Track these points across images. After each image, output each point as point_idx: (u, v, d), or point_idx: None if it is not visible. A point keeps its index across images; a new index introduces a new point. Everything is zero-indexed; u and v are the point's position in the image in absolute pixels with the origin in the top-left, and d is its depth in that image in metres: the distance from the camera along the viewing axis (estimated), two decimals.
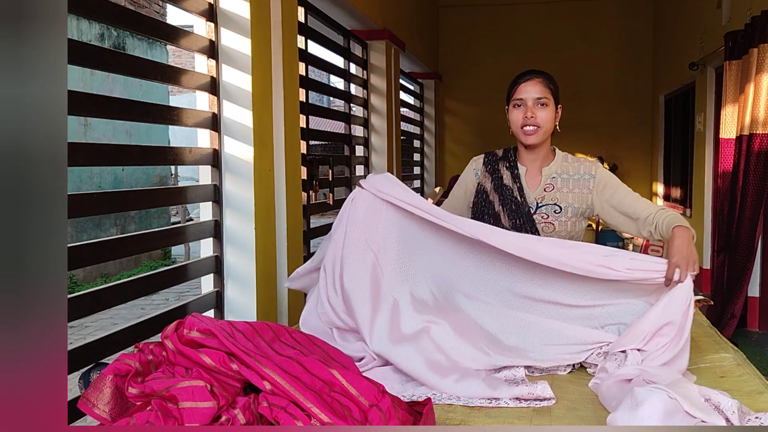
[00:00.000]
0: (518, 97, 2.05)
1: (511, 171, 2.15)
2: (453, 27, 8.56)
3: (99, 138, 7.62)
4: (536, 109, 2.03)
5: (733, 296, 4.30)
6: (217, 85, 2.77)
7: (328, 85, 6.09)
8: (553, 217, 2.07)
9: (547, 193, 2.10)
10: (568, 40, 8.19)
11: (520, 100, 2.05)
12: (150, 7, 9.92)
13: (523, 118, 2.04)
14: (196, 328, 1.35)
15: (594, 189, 2.09)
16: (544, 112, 2.04)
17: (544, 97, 2.03)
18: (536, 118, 2.03)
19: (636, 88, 8.11)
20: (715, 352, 1.92)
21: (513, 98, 2.07)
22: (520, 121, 2.05)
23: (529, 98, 2.03)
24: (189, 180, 12.39)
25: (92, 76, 7.26)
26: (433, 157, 8.37)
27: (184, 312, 2.50)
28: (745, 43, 4.22)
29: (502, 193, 2.12)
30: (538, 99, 2.03)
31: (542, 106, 2.04)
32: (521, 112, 2.04)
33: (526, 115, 2.03)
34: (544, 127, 2.05)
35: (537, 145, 2.09)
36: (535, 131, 2.04)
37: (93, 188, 7.58)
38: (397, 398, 1.38)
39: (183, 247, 8.50)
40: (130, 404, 1.31)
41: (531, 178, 2.15)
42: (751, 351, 3.96)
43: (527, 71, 2.08)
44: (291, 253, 3.17)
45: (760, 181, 4.15)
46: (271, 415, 1.23)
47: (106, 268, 7.60)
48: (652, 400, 1.23)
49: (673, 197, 7.10)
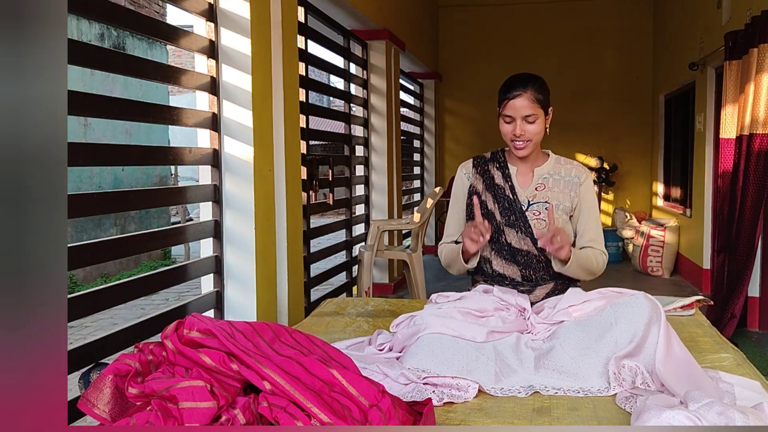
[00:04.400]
0: (507, 114, 2.08)
1: (502, 171, 2.19)
2: (453, 27, 8.56)
3: (99, 138, 7.61)
4: (525, 125, 2.07)
5: (733, 296, 4.30)
6: (217, 85, 2.77)
7: (328, 85, 6.09)
8: (544, 214, 2.12)
9: (539, 192, 2.15)
10: (569, 39, 8.19)
11: (509, 117, 2.08)
12: (150, 7, 9.92)
13: (512, 134, 2.08)
14: (196, 328, 1.35)
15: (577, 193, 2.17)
16: (533, 126, 2.07)
17: (533, 113, 2.06)
18: (525, 134, 2.07)
19: (636, 88, 8.11)
20: (715, 352, 1.92)
21: (502, 112, 2.10)
22: (509, 135, 2.10)
23: (518, 116, 2.06)
24: (189, 180, 12.40)
25: (92, 76, 7.26)
26: (433, 157, 8.37)
27: (184, 312, 2.50)
28: (745, 43, 4.22)
29: (494, 191, 2.17)
30: (526, 117, 2.06)
31: (531, 123, 2.07)
32: (511, 127, 2.09)
33: (515, 132, 2.07)
34: (534, 140, 2.10)
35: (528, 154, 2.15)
36: (525, 145, 2.10)
37: (93, 188, 7.57)
38: (397, 398, 1.38)
39: (183, 247, 8.49)
40: (130, 404, 1.31)
41: (522, 177, 2.19)
42: (751, 351, 3.96)
43: (515, 81, 2.09)
44: (291, 253, 3.17)
45: (760, 181, 4.15)
46: (271, 415, 1.23)
47: (106, 268, 7.60)
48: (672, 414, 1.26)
49: (673, 197, 7.10)
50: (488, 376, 1.73)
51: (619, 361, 1.69)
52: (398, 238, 6.00)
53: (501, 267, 2.15)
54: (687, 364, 1.64)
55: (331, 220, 6.91)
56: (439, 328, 1.83)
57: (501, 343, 1.82)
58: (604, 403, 1.59)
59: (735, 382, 1.64)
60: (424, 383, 1.69)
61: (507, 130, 2.09)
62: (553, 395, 1.64)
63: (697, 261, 5.90)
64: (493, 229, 2.12)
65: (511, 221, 2.12)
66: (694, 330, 2.16)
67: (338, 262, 5.17)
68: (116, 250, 2.30)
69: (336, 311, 2.55)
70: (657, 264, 6.62)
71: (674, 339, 1.69)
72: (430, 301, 2.12)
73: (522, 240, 2.11)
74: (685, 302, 2.40)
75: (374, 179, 5.74)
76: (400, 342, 1.88)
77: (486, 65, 8.24)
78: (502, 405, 1.60)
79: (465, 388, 1.66)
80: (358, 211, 5.58)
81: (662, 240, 6.56)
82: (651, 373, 1.66)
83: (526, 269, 2.13)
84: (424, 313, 1.95)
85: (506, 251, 2.13)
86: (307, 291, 3.99)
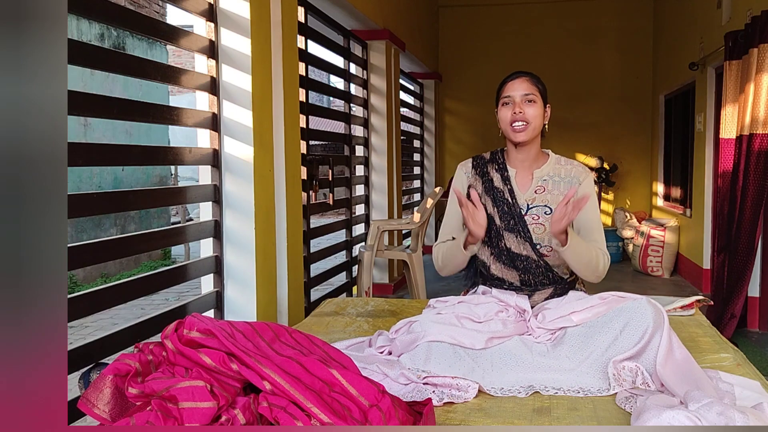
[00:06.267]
0: (506, 95, 2.07)
1: (501, 173, 2.15)
2: (453, 27, 8.56)
3: (99, 138, 7.61)
4: (524, 106, 2.05)
5: (733, 296, 4.30)
6: (217, 85, 2.77)
7: (328, 85, 6.09)
8: (543, 219, 2.08)
9: (538, 195, 2.11)
10: (568, 40, 8.19)
11: (508, 98, 2.07)
12: (150, 7, 9.91)
13: (511, 114, 2.05)
14: (196, 328, 1.35)
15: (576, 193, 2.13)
16: (532, 109, 2.05)
17: (532, 93, 2.05)
18: (525, 114, 2.04)
19: (636, 88, 8.11)
20: (715, 352, 1.92)
21: (501, 97, 2.09)
22: (508, 118, 2.06)
23: (517, 95, 2.05)
24: (189, 180, 12.39)
25: (92, 76, 7.26)
26: (433, 157, 8.37)
27: (184, 312, 2.50)
28: (745, 43, 4.22)
29: (494, 195, 2.13)
30: (526, 95, 2.05)
31: (530, 102, 2.05)
32: (509, 109, 2.06)
33: (514, 111, 2.05)
34: (533, 123, 2.05)
35: (527, 142, 2.10)
36: (525, 128, 2.05)
37: (93, 188, 7.57)
38: (397, 398, 1.38)
39: (183, 247, 8.49)
40: (130, 404, 1.31)
41: (521, 179, 2.15)
42: (751, 351, 3.96)
43: (514, 72, 2.12)
44: (291, 253, 3.17)
45: (761, 181, 4.15)
46: (271, 415, 1.23)
47: (106, 268, 7.60)
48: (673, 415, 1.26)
49: (673, 197, 7.10)
50: (487, 379, 1.73)
51: (619, 363, 1.69)
52: (398, 238, 6.00)
53: (500, 271, 2.12)
54: (687, 364, 1.64)
55: (331, 220, 6.91)
56: (438, 336, 1.82)
57: (501, 348, 1.82)
58: (604, 403, 1.59)
59: (735, 382, 1.64)
60: (424, 383, 1.69)
61: (506, 113, 2.06)
62: (553, 395, 1.65)
63: (697, 261, 5.90)
64: (493, 234, 2.10)
65: (510, 226, 2.08)
66: (694, 330, 2.16)
67: (338, 262, 5.17)
68: (116, 250, 2.30)
69: (336, 311, 2.55)
70: (657, 264, 6.62)
71: (675, 341, 1.69)
72: (428, 306, 2.11)
73: (521, 245, 2.08)
74: (685, 302, 2.40)
75: (374, 179, 5.74)
76: (398, 349, 1.88)
77: (486, 65, 8.23)
78: (502, 405, 1.60)
79: (465, 388, 1.66)
80: (358, 211, 5.58)
81: (662, 240, 6.56)
82: (651, 374, 1.66)
83: (525, 274, 2.10)
84: (423, 319, 1.93)
85: (505, 256, 2.10)
86: (307, 291, 3.99)
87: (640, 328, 1.71)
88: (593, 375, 1.71)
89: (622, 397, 1.60)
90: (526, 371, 1.74)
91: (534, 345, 1.82)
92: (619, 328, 1.74)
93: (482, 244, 2.12)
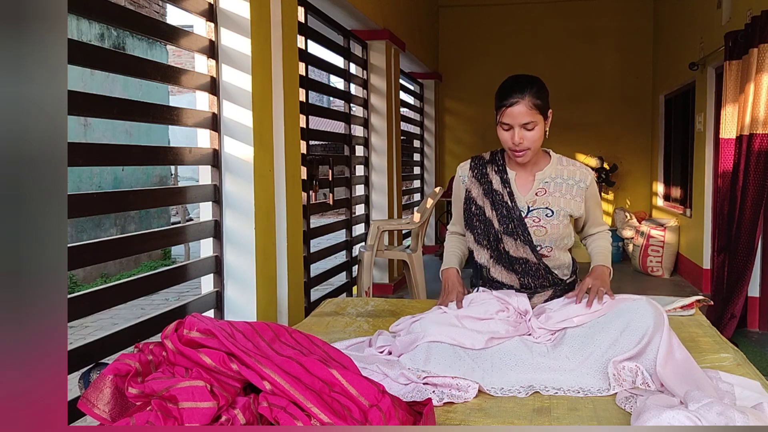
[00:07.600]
0: (505, 122, 2.02)
1: (501, 176, 2.13)
2: (453, 27, 8.56)
3: (99, 138, 7.61)
4: (524, 132, 2.00)
5: (733, 296, 4.30)
6: (217, 85, 2.77)
7: (328, 85, 6.09)
8: (544, 221, 2.06)
9: (539, 197, 2.09)
10: (568, 39, 8.19)
11: (507, 125, 2.02)
12: (150, 7, 9.91)
13: (511, 142, 2.02)
14: (196, 328, 1.35)
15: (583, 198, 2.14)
16: (531, 134, 2.01)
17: (531, 121, 1.99)
18: (524, 141, 2.01)
19: (636, 88, 8.10)
20: (715, 352, 1.92)
21: (500, 120, 2.04)
22: (508, 143, 2.04)
23: (516, 124, 2.00)
24: (189, 180, 12.39)
25: (92, 76, 7.26)
26: (433, 157, 8.37)
27: (184, 312, 2.50)
28: (745, 43, 4.22)
29: (493, 198, 2.11)
30: (525, 125, 2.00)
31: (530, 130, 2.01)
32: (509, 135, 2.02)
33: (513, 140, 2.01)
34: (533, 147, 2.03)
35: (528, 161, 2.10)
36: (524, 153, 2.04)
37: (93, 188, 7.56)
38: (397, 398, 1.38)
39: (183, 247, 8.49)
40: (130, 404, 1.31)
41: (521, 181, 2.13)
42: (751, 351, 3.96)
43: (512, 87, 2.02)
44: (291, 253, 3.17)
45: (760, 181, 4.15)
46: (271, 415, 1.23)
47: (106, 268, 7.59)
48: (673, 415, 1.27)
49: (673, 197, 7.10)
50: (488, 379, 1.73)
51: (619, 363, 1.69)
52: (398, 238, 6.00)
53: (499, 274, 2.12)
54: (687, 365, 1.64)
55: (331, 220, 6.90)
56: (438, 336, 1.82)
57: (501, 348, 1.82)
58: (604, 403, 1.59)
59: (735, 382, 1.64)
60: (424, 383, 1.69)
61: (506, 137, 2.03)
62: (553, 395, 1.65)
63: (697, 261, 5.90)
64: (492, 237, 2.10)
65: (510, 229, 2.07)
66: (694, 330, 2.16)
67: (338, 262, 5.17)
68: (116, 250, 2.30)
69: (336, 311, 2.55)
70: (657, 264, 6.62)
71: (675, 342, 1.69)
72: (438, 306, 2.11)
73: (521, 248, 2.07)
74: (685, 302, 2.40)
75: (374, 179, 5.74)
76: (398, 350, 1.88)
77: (486, 65, 8.23)
78: (502, 405, 1.60)
79: (465, 388, 1.66)
80: (358, 211, 5.58)
81: (662, 240, 6.56)
82: (651, 374, 1.66)
83: (524, 277, 2.10)
84: (425, 319, 1.94)
85: (505, 259, 2.10)
86: (307, 291, 3.98)
87: (640, 329, 1.71)
88: (593, 375, 1.71)
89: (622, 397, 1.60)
90: (526, 371, 1.74)
91: (534, 345, 1.82)
92: (620, 328, 1.74)
93: (481, 247, 2.13)
